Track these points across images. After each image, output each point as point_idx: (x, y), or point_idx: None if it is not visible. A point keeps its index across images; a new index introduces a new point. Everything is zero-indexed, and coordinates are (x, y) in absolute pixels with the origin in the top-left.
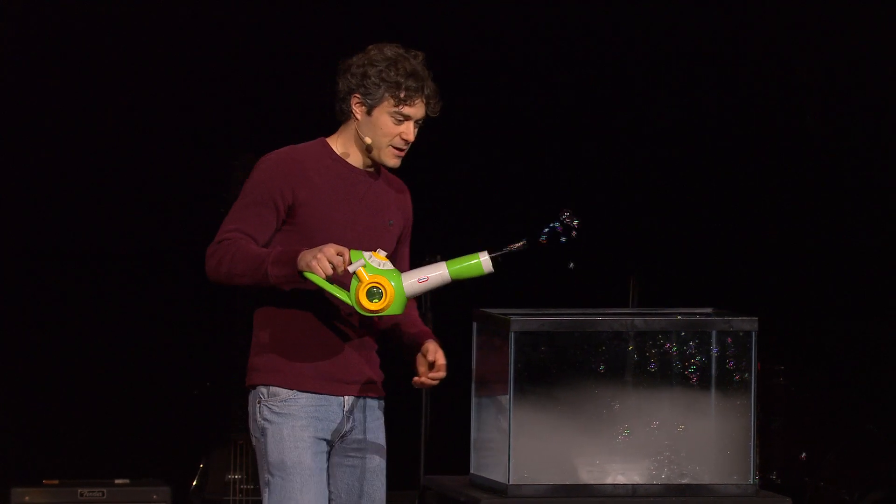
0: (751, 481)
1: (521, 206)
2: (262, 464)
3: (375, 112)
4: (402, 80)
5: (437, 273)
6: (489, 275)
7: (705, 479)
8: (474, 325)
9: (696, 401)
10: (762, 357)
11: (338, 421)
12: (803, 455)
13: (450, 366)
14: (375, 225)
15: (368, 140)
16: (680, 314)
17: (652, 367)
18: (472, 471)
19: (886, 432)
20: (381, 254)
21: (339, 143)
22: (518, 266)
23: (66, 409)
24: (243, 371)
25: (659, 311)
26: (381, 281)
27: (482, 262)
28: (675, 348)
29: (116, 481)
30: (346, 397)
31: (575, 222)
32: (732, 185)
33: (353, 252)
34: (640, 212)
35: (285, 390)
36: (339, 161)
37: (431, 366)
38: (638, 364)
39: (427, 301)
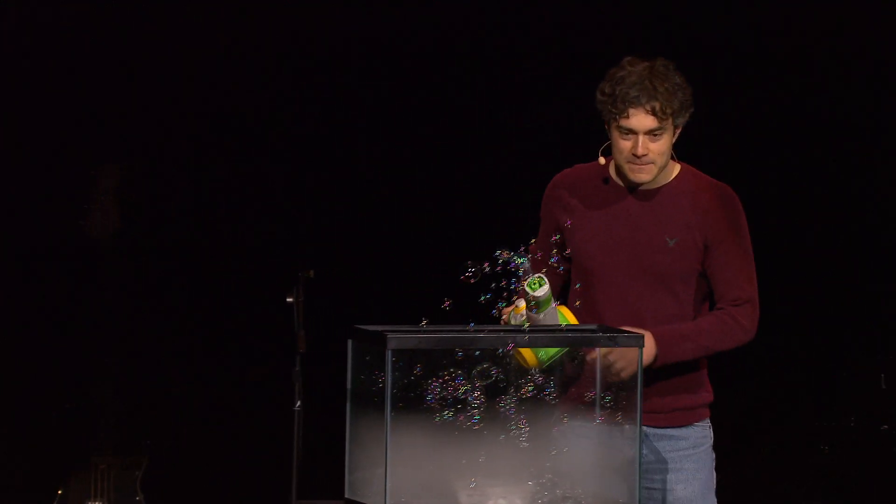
0: None
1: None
2: None
3: (611, 131)
4: (618, 93)
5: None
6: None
7: (589, 501)
8: (350, 342)
9: (580, 420)
10: None
11: None
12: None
13: (324, 385)
14: (648, 247)
15: (614, 160)
16: (564, 330)
17: (535, 386)
18: (346, 495)
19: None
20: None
21: (612, 163)
22: (408, 280)
23: None
24: (107, 391)
25: (543, 328)
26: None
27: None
28: (558, 365)
29: None
30: None
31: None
32: None
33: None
34: (517, 223)
35: None
36: (610, 183)
37: None
38: (520, 382)
39: (298, 318)
